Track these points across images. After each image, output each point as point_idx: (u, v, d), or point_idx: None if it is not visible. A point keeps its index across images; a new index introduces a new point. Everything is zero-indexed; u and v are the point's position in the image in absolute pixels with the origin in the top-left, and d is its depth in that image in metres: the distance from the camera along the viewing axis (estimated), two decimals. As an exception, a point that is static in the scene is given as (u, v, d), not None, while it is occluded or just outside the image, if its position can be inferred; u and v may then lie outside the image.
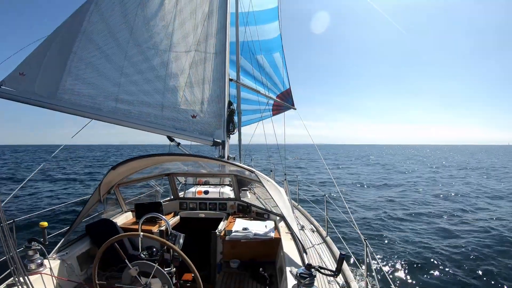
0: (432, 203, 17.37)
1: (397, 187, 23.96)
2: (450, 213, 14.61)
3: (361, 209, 15.76)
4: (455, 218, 13.65)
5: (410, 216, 14.18)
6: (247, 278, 4.03)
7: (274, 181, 4.93)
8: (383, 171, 38.16)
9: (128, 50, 5.13)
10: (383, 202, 17.69)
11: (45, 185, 23.40)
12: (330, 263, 4.21)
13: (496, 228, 11.93)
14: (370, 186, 24.58)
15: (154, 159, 4.11)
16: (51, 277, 3.13)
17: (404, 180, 28.37)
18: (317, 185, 24.40)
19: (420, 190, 22.27)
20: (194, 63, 5.57)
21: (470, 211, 15.18)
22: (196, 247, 4.56)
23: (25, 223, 5.94)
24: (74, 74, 4.73)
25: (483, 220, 13.38)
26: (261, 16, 10.93)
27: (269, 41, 11.51)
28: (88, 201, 4.08)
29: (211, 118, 5.60)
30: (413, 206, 16.50)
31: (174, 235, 3.12)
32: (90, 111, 4.72)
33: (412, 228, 12.31)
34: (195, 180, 7.93)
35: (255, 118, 12.35)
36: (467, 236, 11.02)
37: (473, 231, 11.67)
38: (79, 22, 4.87)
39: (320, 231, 5.58)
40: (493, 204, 17.15)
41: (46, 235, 3.28)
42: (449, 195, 19.65)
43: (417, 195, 20.14)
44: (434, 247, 9.93)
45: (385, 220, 13.47)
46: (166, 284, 2.56)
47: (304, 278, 2.30)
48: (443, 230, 11.71)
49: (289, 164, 44.91)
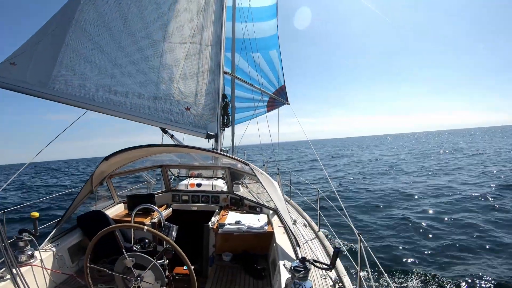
0: (431, 194, 17.48)
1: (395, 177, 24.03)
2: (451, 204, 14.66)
3: (355, 202, 15.86)
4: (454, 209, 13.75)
5: (407, 209, 14.31)
6: (240, 271, 4.04)
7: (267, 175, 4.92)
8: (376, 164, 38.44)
9: (122, 40, 5.06)
10: (379, 194, 17.79)
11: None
12: (323, 257, 4.23)
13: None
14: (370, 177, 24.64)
15: (148, 149, 4.08)
16: (42, 269, 3.10)
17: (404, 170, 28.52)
18: (309, 179, 24.49)
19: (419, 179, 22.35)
20: (189, 55, 5.52)
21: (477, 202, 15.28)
22: (188, 239, 4.54)
23: (15, 214, 5.87)
24: (66, 65, 4.68)
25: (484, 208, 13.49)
26: (261, 12, 10.88)
27: (266, 38, 11.48)
28: (79, 192, 4.04)
29: (205, 110, 5.56)
30: (410, 198, 16.61)
31: (167, 226, 3.10)
32: (82, 101, 4.67)
33: (408, 221, 12.40)
34: (188, 173, 7.90)
35: (250, 115, 12.35)
36: (465, 229, 11.11)
37: (472, 222, 11.77)
38: (71, 12, 4.81)
39: (312, 226, 5.60)
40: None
41: (37, 226, 3.23)
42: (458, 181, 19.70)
43: (417, 184, 20.22)
44: (429, 239, 10.02)
45: (380, 214, 13.58)
46: (160, 280, 2.54)
47: (299, 272, 2.30)
48: (440, 222, 11.79)
49: (282, 162, 45.11)
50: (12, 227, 8.14)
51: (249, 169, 4.12)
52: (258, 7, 10.70)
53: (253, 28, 9.75)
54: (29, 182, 36.83)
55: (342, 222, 11.02)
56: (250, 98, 10.85)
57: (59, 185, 30.63)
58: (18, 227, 8.27)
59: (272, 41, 11.73)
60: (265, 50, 11.56)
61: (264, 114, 12.38)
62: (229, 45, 8.69)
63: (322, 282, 3.30)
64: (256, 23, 10.16)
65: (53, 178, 42.90)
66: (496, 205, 13.04)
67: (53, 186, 29.19)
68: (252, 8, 9.81)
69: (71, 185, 28.46)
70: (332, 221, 11.37)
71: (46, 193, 21.95)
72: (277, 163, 8.41)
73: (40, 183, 33.76)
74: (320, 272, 3.47)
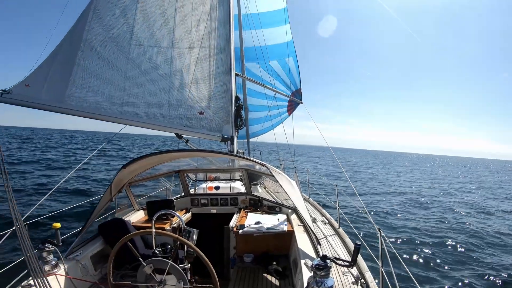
0: (452, 194, 17.12)
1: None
2: (471, 204, 14.34)
3: (373, 200, 15.65)
4: (475, 210, 13.43)
5: (426, 207, 14.02)
6: (262, 272, 4.02)
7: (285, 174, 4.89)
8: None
9: (130, 52, 5.14)
10: (396, 194, 17.52)
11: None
12: (344, 255, 4.18)
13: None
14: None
15: (164, 156, 4.11)
16: (65, 278, 3.15)
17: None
18: (327, 177, 24.30)
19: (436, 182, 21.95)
20: (199, 59, 5.55)
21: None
22: (209, 243, 4.56)
23: (35, 224, 6.03)
24: (78, 84, 4.83)
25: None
26: (270, 17, 10.87)
27: (281, 45, 11.48)
28: (99, 201, 4.10)
29: (219, 114, 5.58)
30: (428, 197, 16.31)
31: (187, 231, 3.12)
32: (97, 112, 4.78)
33: (428, 218, 12.16)
34: (206, 176, 7.94)
35: (277, 121, 12.39)
36: (486, 230, 10.85)
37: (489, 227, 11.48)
38: (79, 32, 4.95)
39: (332, 223, 5.53)
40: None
41: (59, 236, 3.29)
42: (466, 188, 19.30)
43: (434, 186, 19.87)
44: (453, 238, 9.81)
45: (400, 210, 13.35)
46: (181, 280, 2.55)
47: (320, 270, 2.27)
48: (462, 222, 11.54)
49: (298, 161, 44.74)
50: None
51: (266, 170, 4.11)
52: (266, 12, 10.67)
53: (262, 34, 9.72)
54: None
55: (362, 218, 10.90)
56: (273, 106, 10.83)
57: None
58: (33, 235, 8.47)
59: (288, 48, 11.71)
60: (282, 57, 11.56)
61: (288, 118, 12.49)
62: (236, 53, 8.73)
63: (344, 279, 3.25)
64: (267, 29, 10.14)
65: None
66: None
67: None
68: (260, 13, 9.78)
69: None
70: (352, 218, 11.26)
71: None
72: (294, 162, 8.36)
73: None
74: (342, 269, 3.42)
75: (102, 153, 34.68)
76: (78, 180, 17.32)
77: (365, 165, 55.36)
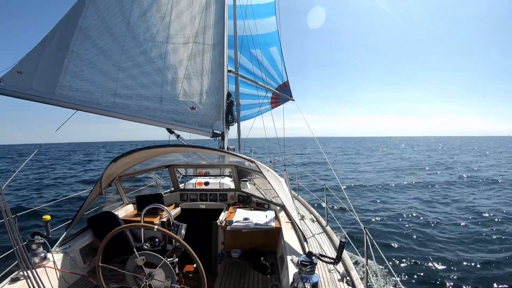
0: (436, 190, 17.43)
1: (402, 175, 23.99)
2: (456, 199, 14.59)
3: (360, 197, 15.85)
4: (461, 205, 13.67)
5: (414, 203, 14.25)
6: (249, 267, 4.08)
7: (274, 171, 4.95)
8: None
9: (125, 44, 5.10)
10: (383, 190, 17.77)
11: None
12: (331, 252, 4.26)
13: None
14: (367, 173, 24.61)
15: (155, 151, 4.13)
16: (54, 270, 3.17)
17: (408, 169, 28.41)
18: (316, 175, 24.46)
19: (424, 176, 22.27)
20: (192, 54, 5.55)
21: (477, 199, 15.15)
22: (197, 237, 4.60)
23: (26, 216, 5.98)
24: (71, 71, 4.75)
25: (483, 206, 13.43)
26: (260, 9, 10.90)
27: (267, 35, 11.51)
28: (89, 194, 4.11)
29: (210, 109, 5.60)
30: (416, 192, 16.57)
31: (176, 225, 3.15)
32: (89, 105, 4.75)
33: (413, 215, 12.38)
34: (196, 172, 7.95)
35: (254, 112, 12.42)
36: (472, 224, 11.07)
37: (475, 219, 11.72)
38: (75, 19, 4.87)
39: (320, 221, 5.62)
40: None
41: (49, 228, 3.30)
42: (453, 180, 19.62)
43: (421, 180, 20.16)
44: (436, 235, 10.01)
45: (385, 208, 13.55)
46: (170, 277, 2.59)
47: (305, 266, 2.33)
48: (447, 217, 11.76)
49: (289, 157, 44.92)
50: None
51: (255, 167, 4.15)
52: (258, 4, 10.74)
53: (254, 25, 9.77)
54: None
55: (350, 217, 11.04)
56: (254, 94, 10.89)
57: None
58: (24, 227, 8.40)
59: (273, 38, 11.76)
60: (266, 47, 11.59)
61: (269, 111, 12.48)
62: (231, 43, 8.72)
63: (329, 276, 3.33)
64: (257, 20, 10.19)
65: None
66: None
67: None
68: (253, 5, 9.82)
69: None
70: (340, 216, 11.41)
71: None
72: (283, 160, 8.42)
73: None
74: (329, 266, 3.50)
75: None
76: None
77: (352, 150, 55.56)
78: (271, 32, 11.69)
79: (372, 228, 10.69)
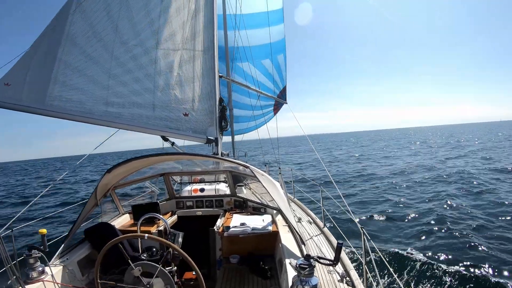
0: (432, 185, 17.52)
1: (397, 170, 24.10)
2: (452, 197, 14.65)
3: (356, 197, 15.91)
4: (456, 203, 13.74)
5: (410, 201, 14.31)
6: (248, 272, 4.07)
7: (269, 175, 4.96)
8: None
9: (114, 50, 5.04)
10: (381, 188, 17.85)
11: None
12: (329, 253, 4.27)
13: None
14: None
15: (149, 160, 4.11)
16: (53, 284, 3.14)
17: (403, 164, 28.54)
18: (311, 176, 24.52)
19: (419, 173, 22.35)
20: (183, 60, 5.53)
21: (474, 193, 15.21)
22: (195, 245, 4.58)
23: (24, 230, 5.91)
24: (61, 81, 4.69)
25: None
26: (270, 16, 11.07)
27: (278, 42, 11.73)
28: (85, 206, 4.07)
29: (203, 115, 5.58)
30: (409, 191, 16.66)
31: (173, 234, 3.14)
32: (81, 115, 4.70)
33: (410, 212, 12.45)
34: (191, 179, 7.93)
35: (261, 122, 12.53)
36: (466, 221, 11.14)
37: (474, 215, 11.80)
38: (61, 26, 4.80)
39: (317, 222, 5.63)
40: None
41: (45, 242, 3.27)
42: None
43: (415, 178, 20.27)
44: (433, 232, 10.06)
45: (382, 207, 13.61)
46: (168, 285, 2.58)
47: (304, 269, 2.33)
48: (441, 215, 11.83)
49: (283, 158, 44.96)
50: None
51: (249, 172, 4.16)
52: (251, 13, 10.81)
53: (268, 33, 9.93)
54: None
55: (347, 218, 11.07)
56: (258, 106, 10.97)
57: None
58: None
59: (281, 45, 11.96)
60: (275, 54, 11.77)
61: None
62: (222, 53, 8.78)
63: (329, 278, 3.34)
64: (252, 30, 10.28)
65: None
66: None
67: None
68: (249, 14, 9.94)
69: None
70: (337, 217, 11.44)
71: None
72: (278, 164, 8.43)
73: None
74: (328, 268, 3.51)
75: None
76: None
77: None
78: (280, 40, 11.85)
79: (371, 229, 10.75)
